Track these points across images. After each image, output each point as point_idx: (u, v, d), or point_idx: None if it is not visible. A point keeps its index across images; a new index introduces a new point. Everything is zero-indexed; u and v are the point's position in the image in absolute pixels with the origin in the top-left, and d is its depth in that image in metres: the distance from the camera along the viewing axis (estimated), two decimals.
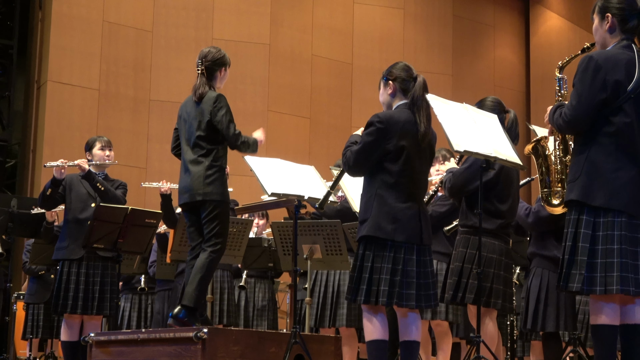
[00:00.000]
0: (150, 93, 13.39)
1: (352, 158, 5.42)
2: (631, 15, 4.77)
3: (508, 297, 6.22)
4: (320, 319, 7.63)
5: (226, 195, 6.34)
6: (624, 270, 4.51)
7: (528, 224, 6.99)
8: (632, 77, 4.62)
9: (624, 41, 4.76)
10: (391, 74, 5.56)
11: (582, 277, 4.55)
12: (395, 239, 5.26)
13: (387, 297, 5.24)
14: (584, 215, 4.61)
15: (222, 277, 8.55)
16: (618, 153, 4.61)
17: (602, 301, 4.61)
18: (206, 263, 6.18)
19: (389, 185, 5.34)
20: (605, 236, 4.56)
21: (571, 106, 4.66)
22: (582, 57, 4.73)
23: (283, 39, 14.15)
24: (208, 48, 6.59)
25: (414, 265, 5.31)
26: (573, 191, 4.65)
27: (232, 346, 5.75)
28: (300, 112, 14.16)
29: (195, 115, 6.36)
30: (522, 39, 16.54)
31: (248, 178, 8.12)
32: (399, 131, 5.34)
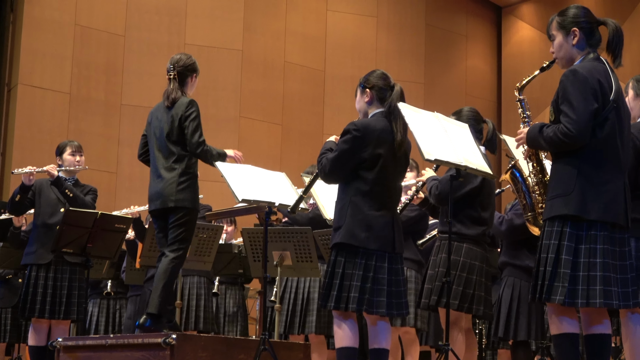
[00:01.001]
0: (121, 97, 13.34)
1: (328, 165, 5.42)
2: (593, 29, 4.80)
3: (488, 303, 6.25)
4: (290, 325, 7.63)
5: (197, 203, 6.35)
6: (607, 284, 4.52)
7: (502, 233, 7.02)
8: (611, 87, 4.65)
9: (591, 54, 4.78)
10: (368, 82, 5.57)
11: (564, 289, 4.55)
12: (368, 246, 5.28)
13: (357, 304, 5.25)
14: (567, 227, 4.60)
15: (199, 283, 8.53)
16: (607, 165, 4.61)
17: (563, 313, 4.63)
18: (168, 269, 6.15)
19: (364, 193, 5.35)
20: (587, 249, 4.56)
21: (571, 121, 4.57)
22: (565, 72, 4.69)
23: (256, 45, 14.14)
24: (179, 55, 6.59)
25: (385, 273, 5.32)
26: (566, 206, 4.60)
27: (200, 352, 5.75)
28: (272, 119, 14.16)
29: (167, 121, 6.34)
30: (494, 48, 16.62)
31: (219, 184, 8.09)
32: (375, 140, 5.36)
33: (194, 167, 6.38)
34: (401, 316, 5.52)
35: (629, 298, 4.63)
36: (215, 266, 8.37)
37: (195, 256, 7.75)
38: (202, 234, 7.69)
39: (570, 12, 4.84)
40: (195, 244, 7.65)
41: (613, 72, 4.73)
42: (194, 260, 7.78)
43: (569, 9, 4.86)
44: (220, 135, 13.29)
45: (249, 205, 6.72)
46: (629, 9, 14.42)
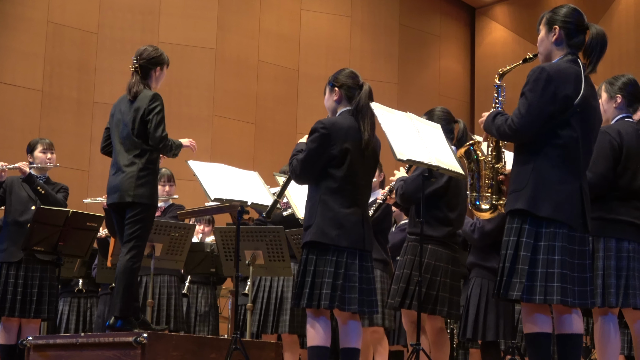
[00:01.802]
0: (94, 95, 13.28)
1: (298, 167, 5.43)
2: (578, 31, 4.83)
3: (454, 304, 6.27)
4: (263, 325, 7.62)
5: (155, 200, 6.25)
6: (564, 282, 4.56)
7: (475, 240, 7.06)
8: (579, 91, 4.68)
9: (569, 55, 4.81)
10: (337, 81, 5.58)
11: (522, 285, 4.60)
12: (339, 244, 5.29)
13: (328, 301, 5.25)
14: (527, 224, 4.66)
15: (170, 282, 8.50)
16: (564, 166, 4.66)
17: (535, 311, 4.67)
18: (127, 269, 6.08)
19: (333, 190, 5.36)
20: (547, 246, 4.62)
21: (520, 115, 4.68)
22: (534, 68, 4.76)
23: (229, 44, 14.12)
24: (145, 46, 6.47)
25: (356, 269, 5.33)
26: (519, 200, 4.68)
27: (171, 351, 5.73)
28: (246, 118, 14.14)
29: (130, 114, 6.25)
30: (467, 49, 16.68)
31: (191, 183, 8.09)
32: (343, 136, 5.36)
33: (155, 162, 6.28)
34: (372, 314, 5.52)
35: (587, 297, 4.68)
36: (187, 265, 8.35)
37: (168, 255, 7.73)
38: (174, 233, 7.66)
39: (558, 11, 4.89)
40: (167, 243, 7.63)
41: (587, 78, 4.76)
42: (166, 259, 7.75)
43: (560, 8, 4.91)
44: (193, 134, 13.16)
45: (221, 204, 6.71)
46: (600, 13, 14.50)
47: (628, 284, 5.17)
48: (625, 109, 5.51)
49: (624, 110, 5.51)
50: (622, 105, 5.50)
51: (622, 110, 5.51)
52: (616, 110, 5.52)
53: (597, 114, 4.86)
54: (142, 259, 6.29)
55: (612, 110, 5.53)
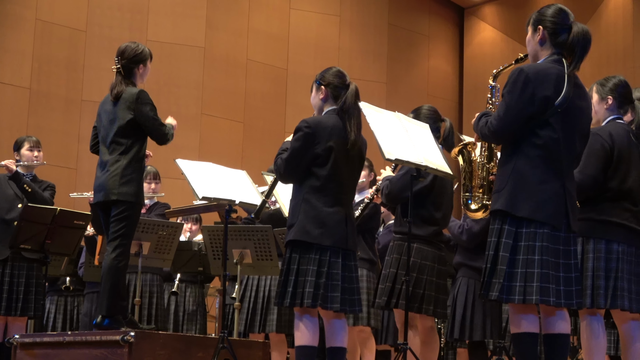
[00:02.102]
0: (82, 93, 13.25)
1: (282, 166, 5.43)
2: (562, 30, 4.83)
3: (441, 303, 6.28)
4: (250, 324, 7.61)
5: (141, 197, 6.23)
6: (544, 281, 4.57)
7: (463, 242, 7.08)
8: (560, 92, 4.68)
9: (554, 55, 4.82)
10: (324, 79, 5.58)
11: (500, 286, 4.62)
12: (322, 243, 5.29)
13: (311, 299, 5.25)
14: (507, 225, 4.67)
15: (152, 280, 8.48)
16: (544, 166, 4.67)
17: (521, 311, 4.68)
18: (112, 268, 6.06)
19: (317, 189, 5.36)
20: (526, 246, 4.63)
21: (498, 117, 4.72)
22: (513, 69, 4.79)
23: (218, 43, 14.11)
24: (126, 44, 6.43)
25: (339, 268, 5.33)
26: (498, 201, 4.71)
27: (159, 350, 5.72)
28: (234, 117, 14.13)
29: (114, 113, 6.24)
30: (456, 49, 16.70)
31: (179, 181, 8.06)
32: (327, 136, 5.36)
33: (140, 160, 6.26)
34: (354, 312, 5.52)
35: (572, 297, 4.68)
36: (175, 264, 8.34)
37: (155, 253, 7.71)
38: (162, 232, 7.65)
39: (544, 11, 4.90)
40: (155, 242, 7.62)
41: (570, 77, 4.74)
42: (154, 258, 7.74)
43: (546, 8, 4.92)
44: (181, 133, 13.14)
45: (209, 203, 6.70)
46: (589, 14, 14.53)
47: (617, 285, 5.18)
48: (616, 110, 5.52)
49: (615, 112, 5.52)
50: (613, 106, 5.51)
51: (613, 112, 5.52)
52: (607, 112, 5.52)
53: (584, 113, 4.85)
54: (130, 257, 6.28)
55: (603, 111, 5.53)
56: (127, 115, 6.17)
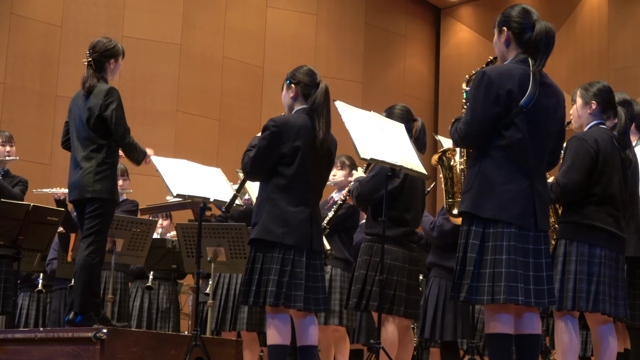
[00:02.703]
0: (57, 89, 13.18)
1: (249, 164, 5.43)
2: (526, 29, 4.84)
3: (412, 303, 6.29)
4: (222, 322, 7.60)
5: (115, 194, 6.21)
6: (512, 280, 4.59)
7: (434, 238, 7.09)
8: (525, 91, 4.69)
9: (520, 55, 4.83)
10: (294, 78, 5.59)
11: (469, 286, 4.63)
12: (285, 242, 5.29)
13: (274, 298, 5.25)
14: (474, 226, 4.69)
15: (116, 277, 8.45)
16: (509, 166, 4.68)
17: (496, 311, 4.69)
18: (86, 265, 6.02)
19: (282, 188, 5.36)
20: (493, 247, 4.64)
21: (466, 122, 4.72)
22: (476, 72, 4.80)
23: (194, 40, 14.07)
24: (98, 39, 6.40)
25: (303, 267, 5.33)
26: (464, 203, 4.73)
27: (131, 347, 5.71)
28: (210, 114, 14.10)
29: (85, 109, 6.20)
30: (432, 49, 16.74)
31: (153, 178, 8.05)
32: (294, 135, 5.36)
33: (112, 156, 6.23)
34: (319, 312, 5.52)
35: (544, 296, 4.70)
36: (148, 261, 8.32)
37: (129, 250, 7.70)
38: (136, 229, 7.63)
39: (508, 12, 4.91)
40: (129, 239, 7.60)
41: (535, 76, 4.74)
42: (127, 255, 7.72)
43: (510, 9, 4.92)
44: (156, 130, 13.21)
45: (183, 201, 6.69)
46: (566, 15, 14.60)
47: (598, 289, 5.21)
48: (600, 115, 5.56)
49: (598, 117, 5.55)
50: (596, 111, 5.55)
51: (596, 117, 5.55)
52: (590, 117, 5.56)
53: (552, 112, 4.84)
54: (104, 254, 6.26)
55: (587, 116, 5.57)
56: (97, 111, 6.14)
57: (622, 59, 13.76)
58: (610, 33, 14.06)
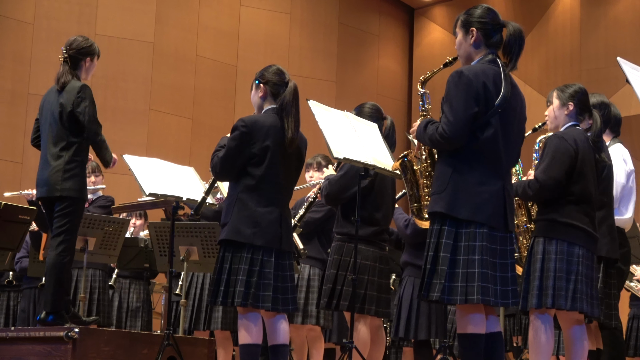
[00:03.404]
0: (29, 86, 13.10)
1: (218, 164, 5.43)
2: (494, 30, 4.88)
3: (383, 302, 6.30)
4: (195, 321, 7.58)
5: (84, 193, 6.19)
6: (484, 281, 4.62)
7: (407, 236, 7.11)
8: (499, 92, 4.72)
9: (489, 55, 4.86)
10: (263, 77, 5.60)
11: (442, 286, 4.65)
12: (254, 243, 5.28)
13: (242, 298, 5.24)
14: (446, 225, 4.70)
15: (94, 276, 8.42)
16: (483, 167, 4.71)
17: (468, 311, 4.71)
18: (57, 264, 6.00)
19: (251, 189, 5.35)
20: (466, 247, 4.66)
21: (448, 122, 4.70)
22: (452, 73, 4.81)
23: (167, 38, 14.02)
24: (75, 36, 6.40)
25: (271, 267, 5.32)
26: (438, 203, 4.73)
27: (103, 346, 5.69)
28: (183, 113, 14.05)
29: (57, 105, 6.17)
30: (405, 49, 16.77)
31: (126, 177, 8.02)
32: (264, 135, 5.36)
33: (82, 154, 6.20)
34: (287, 312, 5.52)
35: (508, 297, 4.75)
36: (120, 260, 8.29)
37: (101, 249, 7.67)
38: (108, 227, 7.60)
39: (472, 12, 4.94)
40: (101, 237, 7.57)
41: (507, 76, 4.79)
42: (99, 254, 7.70)
43: (474, 9, 4.96)
44: (129, 128, 13.15)
45: (156, 199, 6.67)
46: (538, 15, 14.67)
47: (577, 288, 5.25)
48: (575, 117, 5.60)
49: (574, 118, 5.60)
50: (573, 113, 5.59)
51: (572, 118, 5.60)
52: (567, 118, 5.61)
53: (518, 113, 4.89)
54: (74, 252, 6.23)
55: (564, 117, 5.61)
56: (69, 107, 6.11)
57: (594, 60, 13.84)
58: (583, 34, 14.13)
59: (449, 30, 16.00)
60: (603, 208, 5.79)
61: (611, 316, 5.84)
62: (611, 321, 5.84)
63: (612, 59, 6.63)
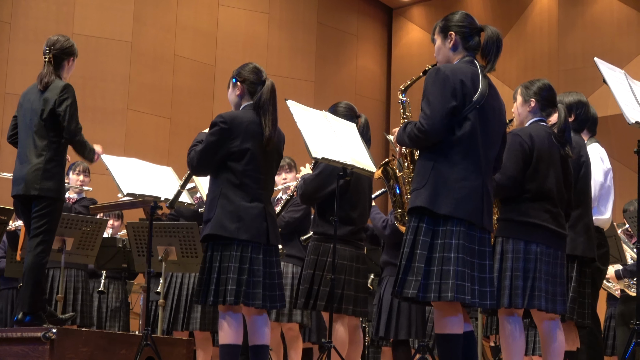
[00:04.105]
0: (5, 86, 13.03)
1: (195, 158, 5.43)
2: (472, 34, 4.97)
3: (360, 302, 6.30)
4: (174, 321, 7.57)
5: (62, 193, 6.17)
6: (460, 279, 4.64)
7: (386, 237, 7.12)
8: (477, 88, 4.77)
9: (467, 57, 4.94)
10: (240, 76, 5.60)
11: (417, 283, 4.67)
12: (239, 237, 5.28)
13: (234, 296, 5.24)
14: (424, 223, 4.72)
15: (77, 276, 8.40)
16: (463, 163, 4.74)
17: (446, 311, 4.74)
18: (35, 264, 5.97)
19: (234, 184, 5.35)
20: (442, 244, 4.69)
21: (426, 116, 4.75)
22: (430, 71, 4.89)
23: (145, 38, 13.98)
24: (56, 36, 6.38)
25: (260, 264, 5.33)
26: (419, 198, 4.75)
27: (81, 347, 5.67)
28: (161, 112, 14.02)
29: (39, 104, 6.15)
30: (384, 49, 16.79)
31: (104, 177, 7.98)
32: (243, 132, 5.37)
33: (62, 155, 6.19)
34: (275, 308, 5.53)
35: (486, 298, 4.77)
36: (98, 260, 8.27)
37: (79, 250, 7.64)
38: (86, 227, 7.58)
39: (450, 18, 5.04)
40: (79, 238, 7.55)
41: (485, 77, 4.86)
42: (77, 254, 7.67)
43: (451, 15, 5.06)
44: (107, 128, 13.10)
45: (134, 199, 6.65)
46: (515, 17, 14.71)
47: (534, 285, 5.26)
48: (539, 112, 5.61)
49: (538, 114, 5.61)
50: (535, 109, 5.60)
51: (535, 114, 5.61)
52: (530, 114, 5.62)
53: (497, 114, 4.95)
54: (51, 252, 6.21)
55: (526, 113, 5.63)
56: (51, 106, 6.10)
57: (572, 60, 13.91)
58: (560, 34, 14.19)
59: (427, 30, 16.03)
60: (579, 206, 5.80)
61: (585, 315, 5.85)
62: (584, 320, 5.86)
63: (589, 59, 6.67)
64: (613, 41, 13.66)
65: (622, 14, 13.77)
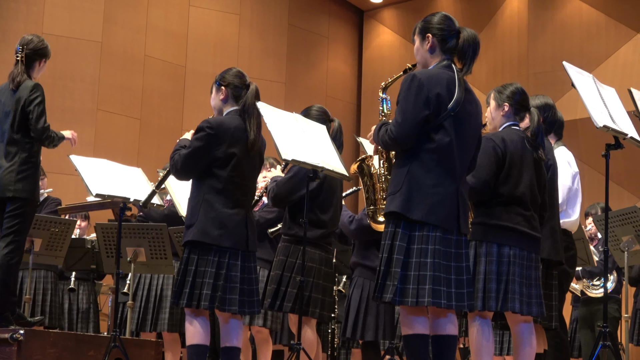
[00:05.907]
0: None
1: (180, 162, 5.41)
2: (450, 36, 4.98)
3: (327, 305, 6.31)
4: (142, 323, 7.55)
5: (36, 194, 6.16)
6: (436, 284, 4.66)
7: (350, 232, 7.11)
8: (452, 96, 4.79)
9: (444, 61, 4.95)
10: (224, 80, 5.59)
11: (394, 288, 4.69)
12: (222, 244, 5.29)
13: (209, 301, 5.25)
14: (400, 228, 4.75)
15: (46, 277, 8.36)
16: (438, 169, 4.76)
17: (412, 313, 4.77)
18: (4, 264, 5.95)
19: (217, 190, 5.35)
20: (419, 249, 4.71)
21: (396, 123, 4.78)
22: (406, 76, 4.90)
23: (116, 38, 13.92)
24: (30, 36, 6.38)
25: (237, 270, 5.34)
26: (393, 203, 4.77)
27: (49, 348, 5.65)
28: (131, 113, 13.96)
29: (11, 104, 6.14)
30: (355, 51, 16.81)
31: (73, 177, 7.96)
32: (229, 138, 5.37)
33: (36, 155, 6.18)
34: (253, 314, 5.54)
35: (464, 299, 4.79)
36: (67, 261, 8.23)
37: (47, 250, 7.61)
38: (54, 228, 7.54)
39: (429, 19, 5.04)
40: (47, 238, 7.51)
41: (460, 82, 4.86)
42: (45, 255, 7.64)
43: (430, 16, 5.05)
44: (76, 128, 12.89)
45: (103, 200, 6.63)
46: (486, 19, 14.78)
47: (507, 288, 5.27)
48: (512, 116, 5.63)
49: (511, 118, 5.63)
50: (509, 113, 5.62)
51: (509, 118, 5.63)
52: (503, 118, 5.64)
53: (473, 118, 4.97)
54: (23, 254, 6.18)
55: (500, 117, 5.65)
56: (21, 105, 6.08)
57: (542, 63, 13.97)
58: (530, 38, 14.26)
59: (398, 33, 16.08)
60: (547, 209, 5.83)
61: (551, 317, 5.88)
62: (551, 322, 5.89)
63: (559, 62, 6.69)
64: (582, 45, 13.75)
65: (592, 18, 13.86)
